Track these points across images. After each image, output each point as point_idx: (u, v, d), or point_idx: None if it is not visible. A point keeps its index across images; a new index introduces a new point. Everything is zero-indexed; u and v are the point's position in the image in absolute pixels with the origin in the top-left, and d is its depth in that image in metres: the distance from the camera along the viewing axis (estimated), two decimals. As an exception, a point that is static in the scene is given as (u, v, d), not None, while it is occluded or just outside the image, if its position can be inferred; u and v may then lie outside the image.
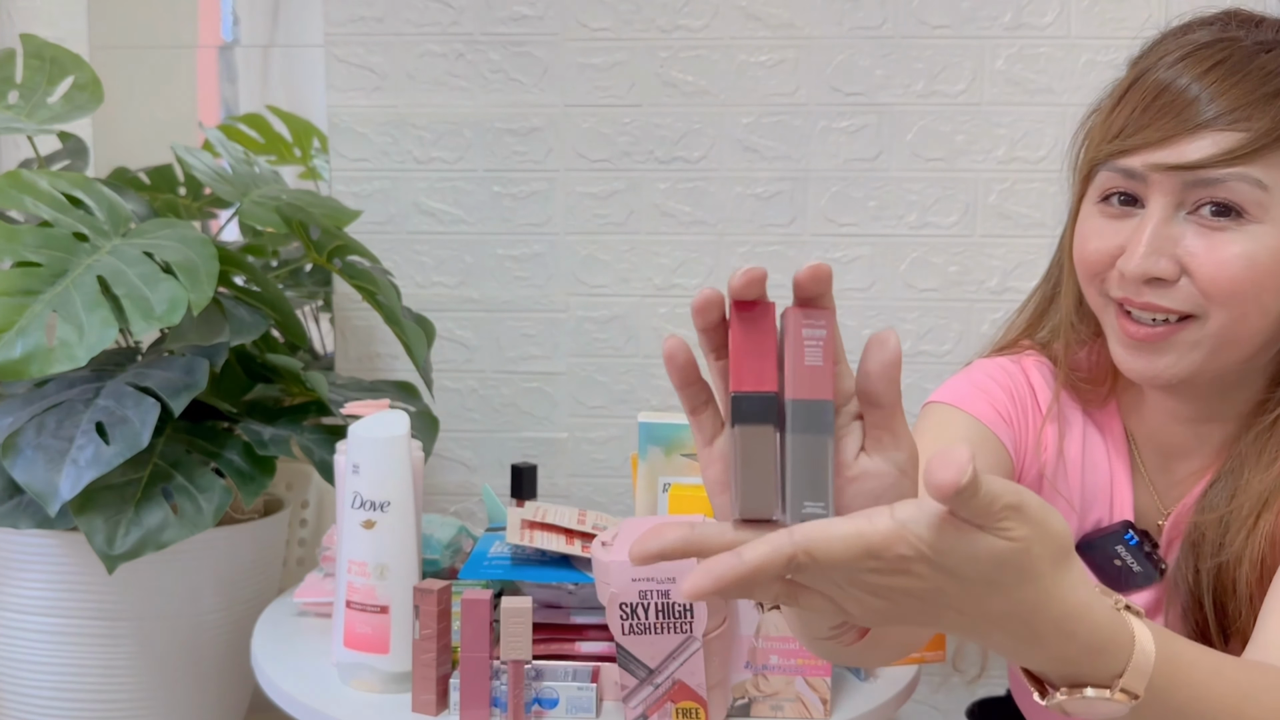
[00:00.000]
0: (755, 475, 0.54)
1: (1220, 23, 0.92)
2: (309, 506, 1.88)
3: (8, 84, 1.64)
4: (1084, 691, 0.61)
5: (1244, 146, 0.85)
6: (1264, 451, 0.91)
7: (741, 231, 1.80)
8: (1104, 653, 0.60)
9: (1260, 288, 0.86)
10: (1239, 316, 0.87)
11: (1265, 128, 0.85)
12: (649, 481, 1.28)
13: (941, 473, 0.49)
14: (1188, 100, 0.87)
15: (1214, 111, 0.86)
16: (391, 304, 1.60)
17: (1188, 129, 0.86)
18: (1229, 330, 0.87)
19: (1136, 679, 0.61)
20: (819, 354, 0.54)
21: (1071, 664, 0.60)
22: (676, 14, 1.77)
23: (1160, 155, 0.87)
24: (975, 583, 0.53)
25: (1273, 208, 0.85)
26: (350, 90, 1.82)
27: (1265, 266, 0.86)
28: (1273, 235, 0.86)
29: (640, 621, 1.06)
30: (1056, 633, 0.57)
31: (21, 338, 1.32)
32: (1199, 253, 0.86)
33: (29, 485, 1.34)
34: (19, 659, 1.51)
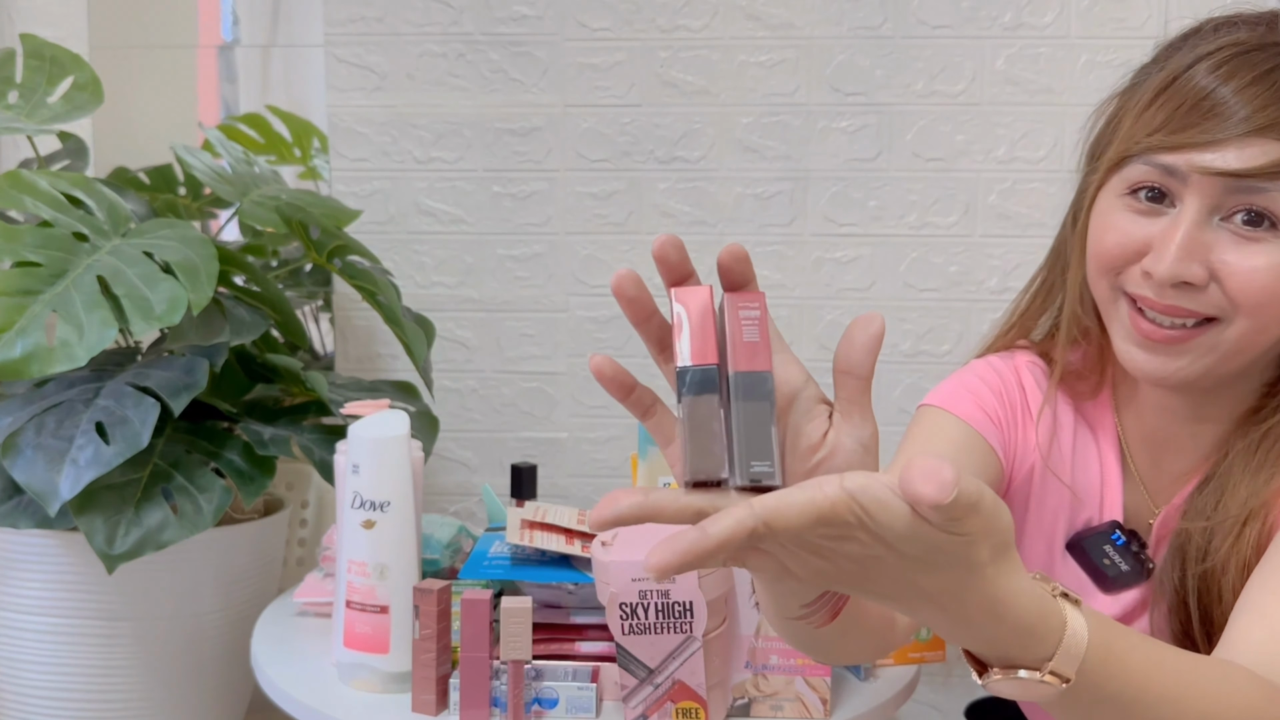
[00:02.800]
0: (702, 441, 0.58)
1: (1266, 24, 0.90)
2: (309, 506, 1.88)
3: (8, 84, 1.64)
4: (1017, 673, 0.62)
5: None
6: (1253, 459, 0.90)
7: (741, 231, 1.80)
8: (1033, 635, 0.61)
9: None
10: (1261, 326, 0.87)
11: None
12: (649, 481, 1.28)
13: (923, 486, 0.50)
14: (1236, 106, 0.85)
15: (1264, 121, 0.84)
16: (391, 304, 1.60)
17: (1237, 135, 0.84)
18: (1248, 338, 0.87)
19: (1067, 662, 0.62)
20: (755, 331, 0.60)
21: (1001, 645, 0.61)
22: (676, 14, 1.77)
23: (1206, 158, 0.85)
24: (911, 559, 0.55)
25: None
26: (350, 90, 1.82)
27: None
28: None
29: (640, 621, 1.06)
30: (985, 615, 0.59)
31: (21, 337, 1.32)
32: (1231, 260, 0.85)
33: (29, 485, 1.34)
34: (19, 659, 1.51)
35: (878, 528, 0.53)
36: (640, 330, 0.63)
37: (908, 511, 0.52)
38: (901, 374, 1.80)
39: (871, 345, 0.60)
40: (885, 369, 1.81)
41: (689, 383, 0.59)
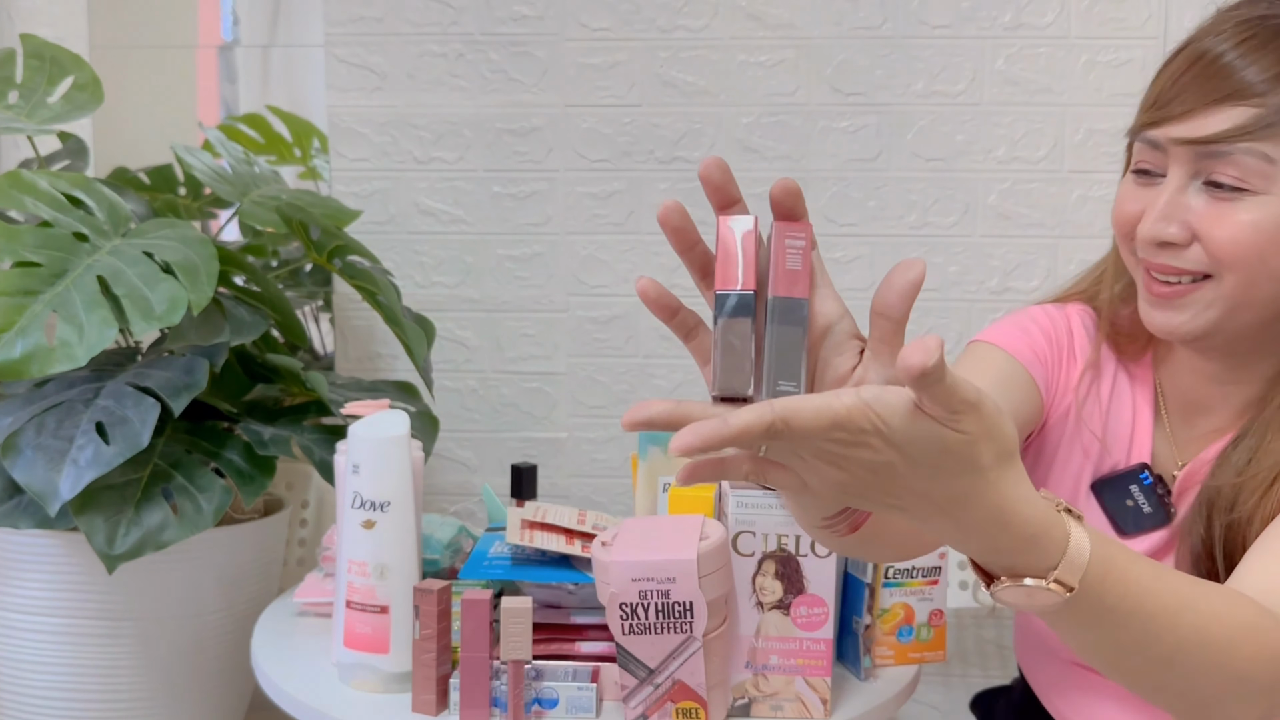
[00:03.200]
0: (733, 360, 0.62)
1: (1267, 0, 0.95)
2: (309, 506, 1.88)
3: (8, 84, 1.64)
4: (1022, 581, 0.65)
5: (1254, 123, 0.89)
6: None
7: (741, 231, 1.79)
8: (1037, 544, 0.64)
9: (1266, 253, 0.90)
10: (1249, 280, 0.91)
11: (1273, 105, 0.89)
12: (649, 481, 1.28)
13: (911, 356, 0.54)
14: (1211, 74, 0.92)
15: (1229, 89, 0.90)
16: (391, 304, 1.60)
17: (1206, 103, 0.91)
18: (1241, 292, 0.92)
19: (1070, 571, 0.65)
20: (798, 260, 0.63)
21: (1006, 554, 0.65)
22: (676, 14, 1.77)
23: (1180, 129, 0.92)
24: (921, 464, 0.59)
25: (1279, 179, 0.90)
26: (350, 90, 1.82)
27: (1269, 233, 0.90)
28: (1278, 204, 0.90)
29: (640, 621, 1.06)
30: (992, 522, 0.62)
31: (21, 338, 1.32)
32: (1208, 220, 0.91)
33: (29, 485, 1.34)
34: (19, 659, 1.51)
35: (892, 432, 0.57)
36: (684, 258, 0.68)
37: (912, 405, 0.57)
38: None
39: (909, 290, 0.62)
40: (885, 369, 1.80)
41: (726, 307, 0.62)
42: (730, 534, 1.10)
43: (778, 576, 1.11)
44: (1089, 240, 1.74)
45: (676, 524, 1.12)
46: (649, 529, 1.12)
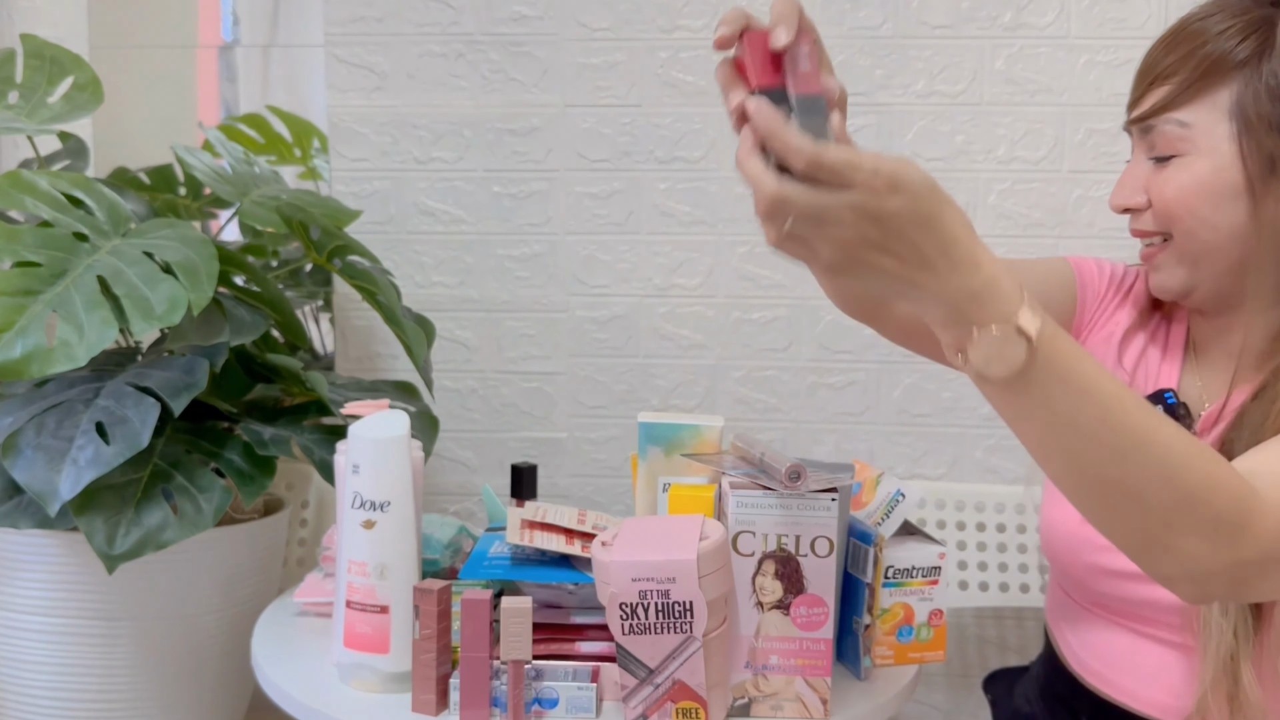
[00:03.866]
0: None
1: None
2: (309, 506, 1.88)
3: (8, 84, 1.64)
4: (990, 329, 0.74)
5: (1168, 97, 1.05)
6: None
7: (741, 231, 1.80)
8: (998, 287, 0.74)
9: (1195, 206, 1.04)
10: (1190, 231, 1.05)
11: (1185, 79, 1.04)
12: (649, 481, 1.28)
13: None
14: (1145, 67, 1.09)
15: (1155, 72, 1.07)
16: (391, 304, 1.60)
17: (1142, 90, 1.09)
18: (1191, 244, 1.06)
19: (1030, 319, 0.74)
20: (809, 62, 0.77)
21: (974, 299, 0.74)
22: (676, 14, 1.77)
23: (1131, 115, 1.10)
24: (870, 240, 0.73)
25: (1198, 140, 1.04)
26: (350, 90, 1.82)
27: (1194, 189, 1.04)
28: (1199, 163, 1.04)
29: (640, 621, 1.06)
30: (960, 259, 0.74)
31: (21, 338, 1.32)
32: (1153, 184, 1.07)
33: (29, 485, 1.34)
34: (19, 659, 1.51)
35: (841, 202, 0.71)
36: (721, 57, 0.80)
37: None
38: (901, 374, 1.80)
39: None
40: (885, 369, 1.81)
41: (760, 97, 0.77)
42: (730, 534, 1.11)
43: (777, 576, 1.11)
44: (1089, 240, 1.74)
45: (676, 524, 1.12)
46: (649, 529, 1.12)
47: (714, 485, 1.22)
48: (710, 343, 1.82)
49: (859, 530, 1.22)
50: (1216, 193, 1.03)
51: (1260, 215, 1.02)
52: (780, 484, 1.09)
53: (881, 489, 1.27)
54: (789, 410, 1.82)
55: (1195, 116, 1.04)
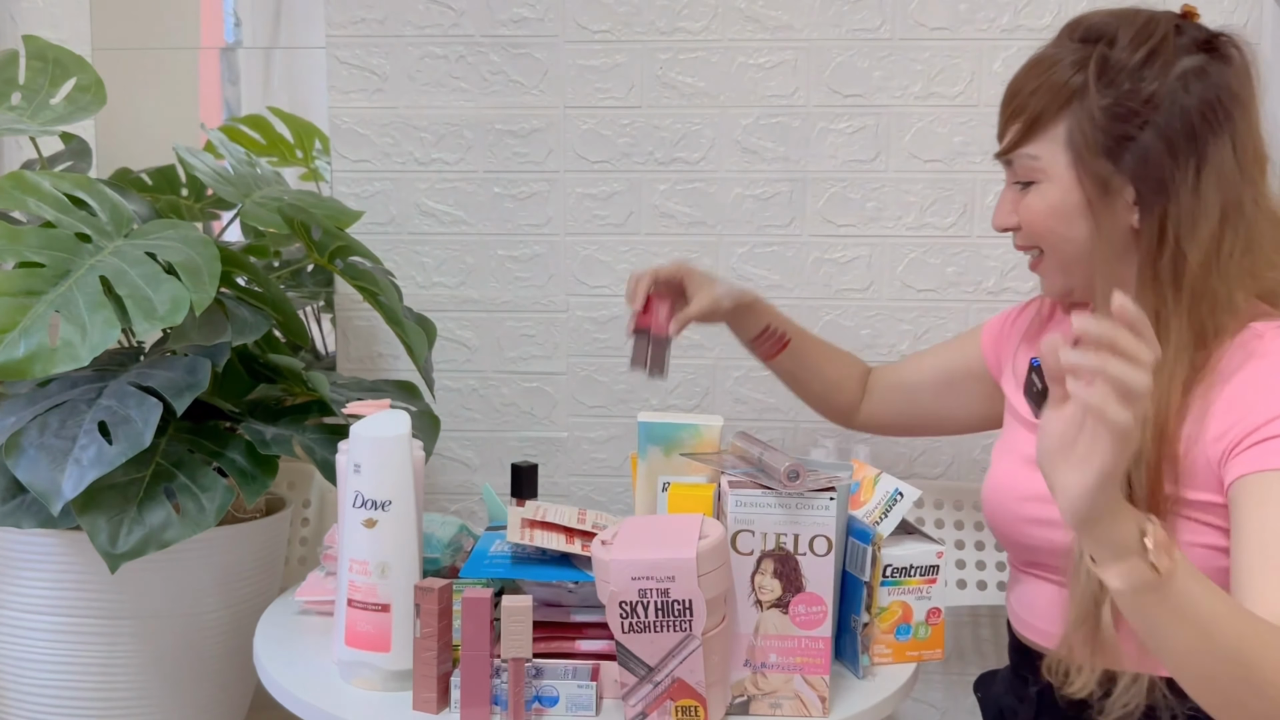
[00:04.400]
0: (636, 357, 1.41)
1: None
2: (311, 506, 1.88)
3: (11, 85, 1.64)
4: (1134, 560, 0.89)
5: (1018, 133, 1.20)
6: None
7: (740, 232, 1.80)
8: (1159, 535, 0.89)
9: (1052, 225, 1.20)
10: (1053, 245, 1.21)
11: (1029, 116, 1.19)
12: (648, 481, 1.28)
13: None
14: (1004, 102, 1.24)
15: (1009, 110, 1.22)
16: (393, 304, 1.60)
17: (1001, 124, 1.24)
18: (1058, 256, 1.22)
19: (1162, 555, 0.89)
20: (663, 314, 1.40)
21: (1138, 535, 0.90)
22: (676, 16, 1.78)
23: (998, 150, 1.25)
24: None
25: (1047, 169, 1.18)
26: (351, 92, 1.83)
27: (1048, 211, 1.20)
28: (1050, 189, 1.19)
29: (640, 620, 1.07)
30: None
31: (24, 338, 1.33)
32: (1020, 207, 1.22)
33: (32, 484, 1.35)
34: (22, 657, 1.51)
35: None
36: None
37: None
38: (900, 374, 1.81)
39: None
40: (884, 369, 1.81)
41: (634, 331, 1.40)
42: (729, 533, 1.11)
43: (776, 575, 1.12)
44: (1087, 241, 1.74)
45: (676, 523, 1.13)
46: (648, 528, 1.12)
47: (713, 484, 1.22)
48: (709, 342, 1.83)
49: (857, 529, 1.22)
50: (1066, 213, 1.19)
51: (1100, 229, 1.17)
52: (779, 483, 1.10)
53: (880, 488, 1.28)
54: (788, 410, 1.83)
55: (1041, 149, 1.19)
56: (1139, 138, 1.14)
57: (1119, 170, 1.16)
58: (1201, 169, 1.14)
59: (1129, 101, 1.15)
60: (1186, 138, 1.14)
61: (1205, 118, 1.14)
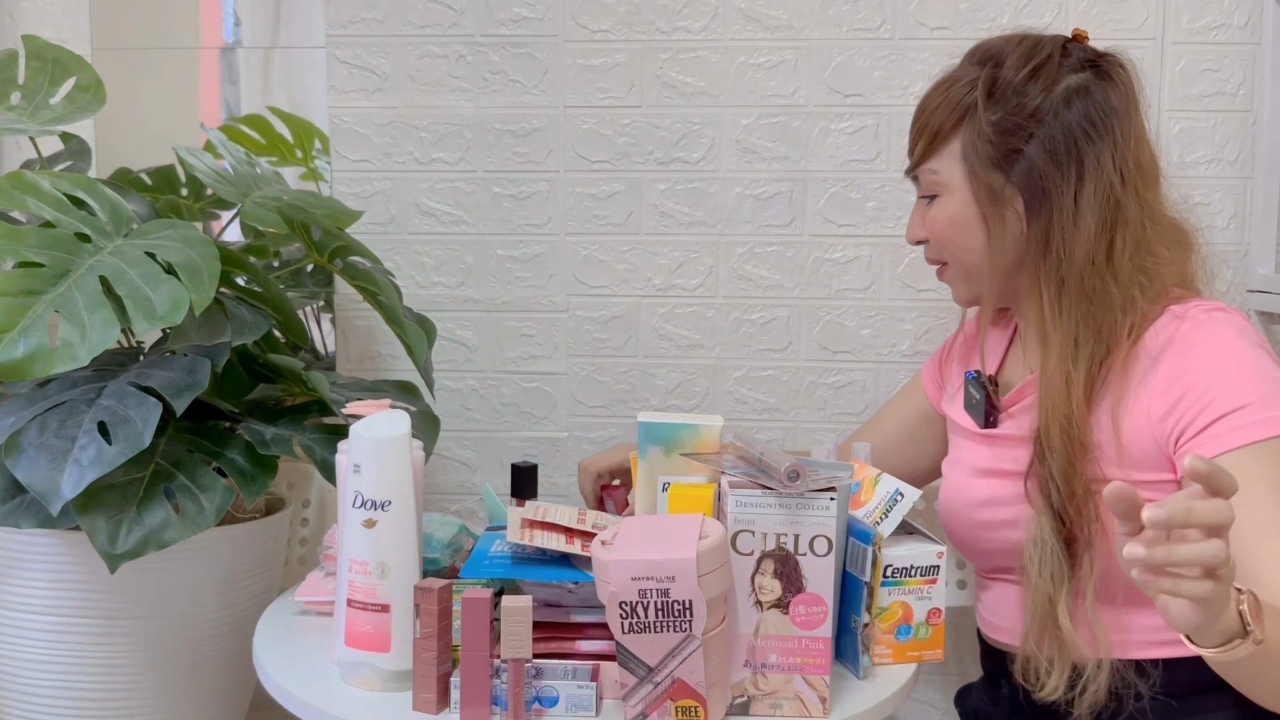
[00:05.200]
0: None
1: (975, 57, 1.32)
2: (310, 506, 1.88)
3: (10, 85, 1.64)
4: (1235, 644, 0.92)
5: (922, 150, 1.29)
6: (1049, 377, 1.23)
7: (741, 232, 1.80)
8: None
9: (952, 236, 1.28)
10: (956, 256, 1.30)
11: (930, 133, 1.28)
12: (648, 481, 1.28)
13: None
14: (913, 121, 1.31)
15: (915, 128, 1.31)
16: (392, 304, 1.60)
17: (910, 143, 1.32)
18: (960, 265, 1.30)
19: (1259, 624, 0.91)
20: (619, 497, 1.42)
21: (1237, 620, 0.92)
22: (676, 16, 1.78)
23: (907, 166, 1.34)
24: None
25: (949, 181, 1.27)
26: (351, 91, 1.83)
27: (949, 222, 1.28)
28: (951, 201, 1.28)
29: (640, 620, 1.07)
30: None
31: (24, 338, 1.32)
32: (926, 220, 1.31)
33: (31, 485, 1.35)
34: (21, 657, 1.51)
35: None
36: None
37: None
38: (899, 374, 1.81)
39: None
40: (883, 369, 1.81)
41: None
42: (729, 533, 1.11)
43: (776, 575, 1.12)
44: (1087, 241, 1.74)
45: (676, 523, 1.13)
46: (648, 528, 1.12)
47: (713, 484, 1.22)
48: (709, 343, 1.83)
49: (858, 529, 1.22)
50: (965, 223, 1.27)
51: (993, 238, 1.26)
52: (779, 483, 1.10)
53: (880, 488, 1.28)
54: (788, 410, 1.83)
55: (940, 164, 1.28)
56: (1025, 150, 1.23)
57: (1009, 181, 1.24)
58: (1082, 178, 1.22)
59: (1015, 116, 1.24)
60: (1067, 150, 1.22)
61: (1085, 131, 1.22)
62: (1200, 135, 1.74)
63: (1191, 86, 1.73)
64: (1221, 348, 1.18)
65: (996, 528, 1.30)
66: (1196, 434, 1.15)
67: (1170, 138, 1.74)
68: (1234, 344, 1.18)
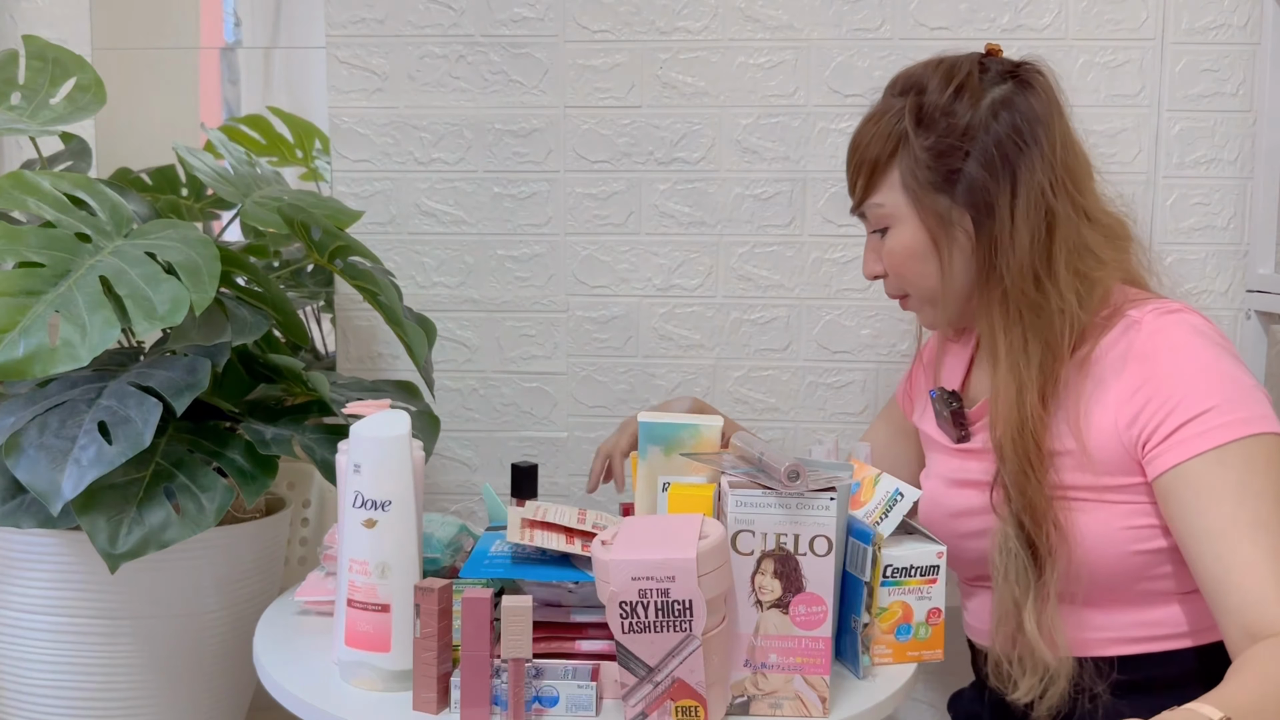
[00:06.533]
0: None
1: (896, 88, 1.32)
2: (310, 506, 1.88)
3: (10, 85, 1.64)
4: None
5: (863, 186, 1.30)
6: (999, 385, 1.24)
7: (741, 232, 1.80)
8: None
9: (909, 264, 1.28)
10: (916, 284, 1.30)
11: (869, 169, 1.28)
12: (648, 481, 1.28)
13: None
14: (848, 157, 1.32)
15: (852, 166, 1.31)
16: (393, 304, 1.60)
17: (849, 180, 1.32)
18: (921, 292, 1.30)
19: None
20: None
21: None
22: (676, 16, 1.78)
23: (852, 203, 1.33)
24: None
25: (896, 212, 1.27)
26: (351, 92, 1.83)
27: (903, 253, 1.28)
28: (901, 231, 1.28)
29: (640, 620, 1.07)
30: None
31: (24, 338, 1.33)
32: (882, 253, 1.31)
33: (32, 485, 1.35)
34: (22, 657, 1.51)
35: None
36: None
37: None
38: (899, 374, 1.81)
39: None
40: (883, 368, 1.81)
41: None
42: (729, 533, 1.11)
43: (776, 575, 1.12)
44: (1087, 241, 1.74)
45: (676, 523, 1.13)
46: (648, 528, 1.12)
47: (713, 484, 1.22)
48: (709, 343, 1.83)
49: (857, 529, 1.22)
50: (918, 251, 1.27)
51: (944, 259, 1.26)
52: (779, 483, 1.10)
53: (880, 488, 1.28)
54: (788, 410, 1.83)
55: (885, 197, 1.28)
56: (964, 168, 1.24)
57: (955, 203, 1.25)
58: (1016, 190, 1.22)
59: (947, 137, 1.24)
60: (1001, 162, 1.23)
61: (1015, 142, 1.23)
62: (1200, 135, 1.74)
63: (1191, 86, 1.73)
64: (1181, 351, 1.18)
65: (972, 537, 1.32)
66: (1162, 440, 1.16)
67: (1170, 138, 1.74)
68: (1193, 346, 1.18)
